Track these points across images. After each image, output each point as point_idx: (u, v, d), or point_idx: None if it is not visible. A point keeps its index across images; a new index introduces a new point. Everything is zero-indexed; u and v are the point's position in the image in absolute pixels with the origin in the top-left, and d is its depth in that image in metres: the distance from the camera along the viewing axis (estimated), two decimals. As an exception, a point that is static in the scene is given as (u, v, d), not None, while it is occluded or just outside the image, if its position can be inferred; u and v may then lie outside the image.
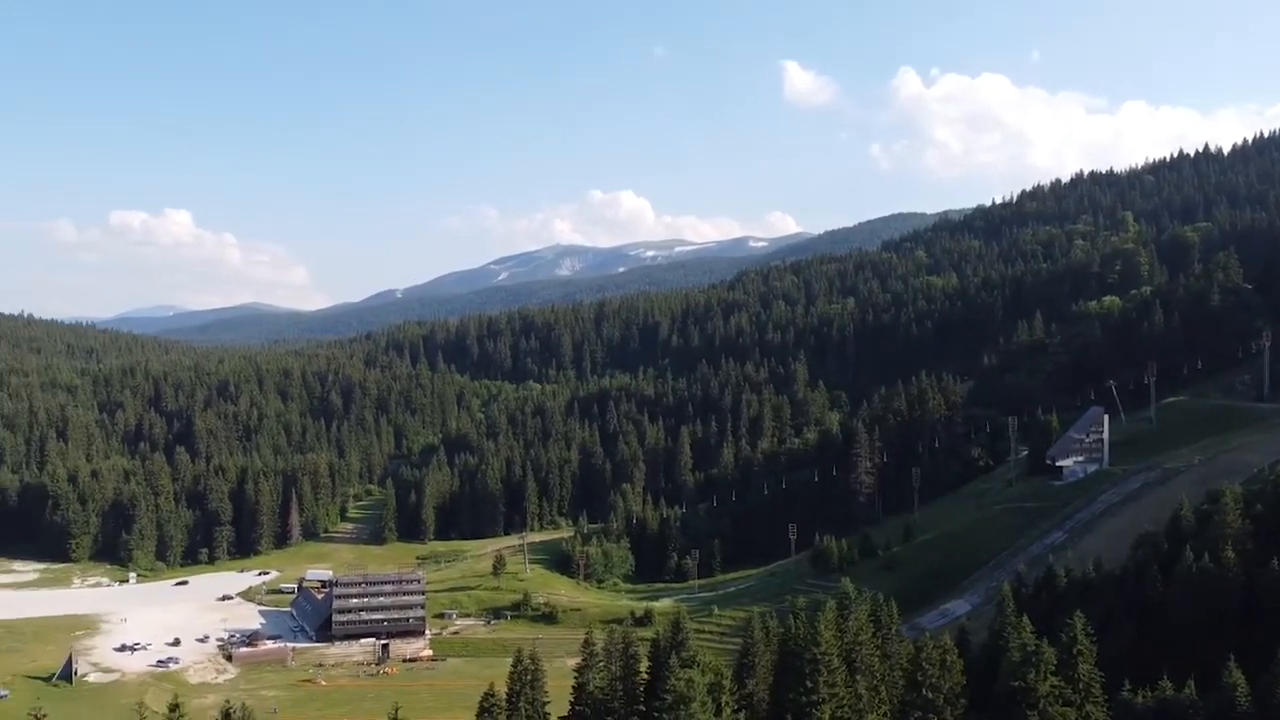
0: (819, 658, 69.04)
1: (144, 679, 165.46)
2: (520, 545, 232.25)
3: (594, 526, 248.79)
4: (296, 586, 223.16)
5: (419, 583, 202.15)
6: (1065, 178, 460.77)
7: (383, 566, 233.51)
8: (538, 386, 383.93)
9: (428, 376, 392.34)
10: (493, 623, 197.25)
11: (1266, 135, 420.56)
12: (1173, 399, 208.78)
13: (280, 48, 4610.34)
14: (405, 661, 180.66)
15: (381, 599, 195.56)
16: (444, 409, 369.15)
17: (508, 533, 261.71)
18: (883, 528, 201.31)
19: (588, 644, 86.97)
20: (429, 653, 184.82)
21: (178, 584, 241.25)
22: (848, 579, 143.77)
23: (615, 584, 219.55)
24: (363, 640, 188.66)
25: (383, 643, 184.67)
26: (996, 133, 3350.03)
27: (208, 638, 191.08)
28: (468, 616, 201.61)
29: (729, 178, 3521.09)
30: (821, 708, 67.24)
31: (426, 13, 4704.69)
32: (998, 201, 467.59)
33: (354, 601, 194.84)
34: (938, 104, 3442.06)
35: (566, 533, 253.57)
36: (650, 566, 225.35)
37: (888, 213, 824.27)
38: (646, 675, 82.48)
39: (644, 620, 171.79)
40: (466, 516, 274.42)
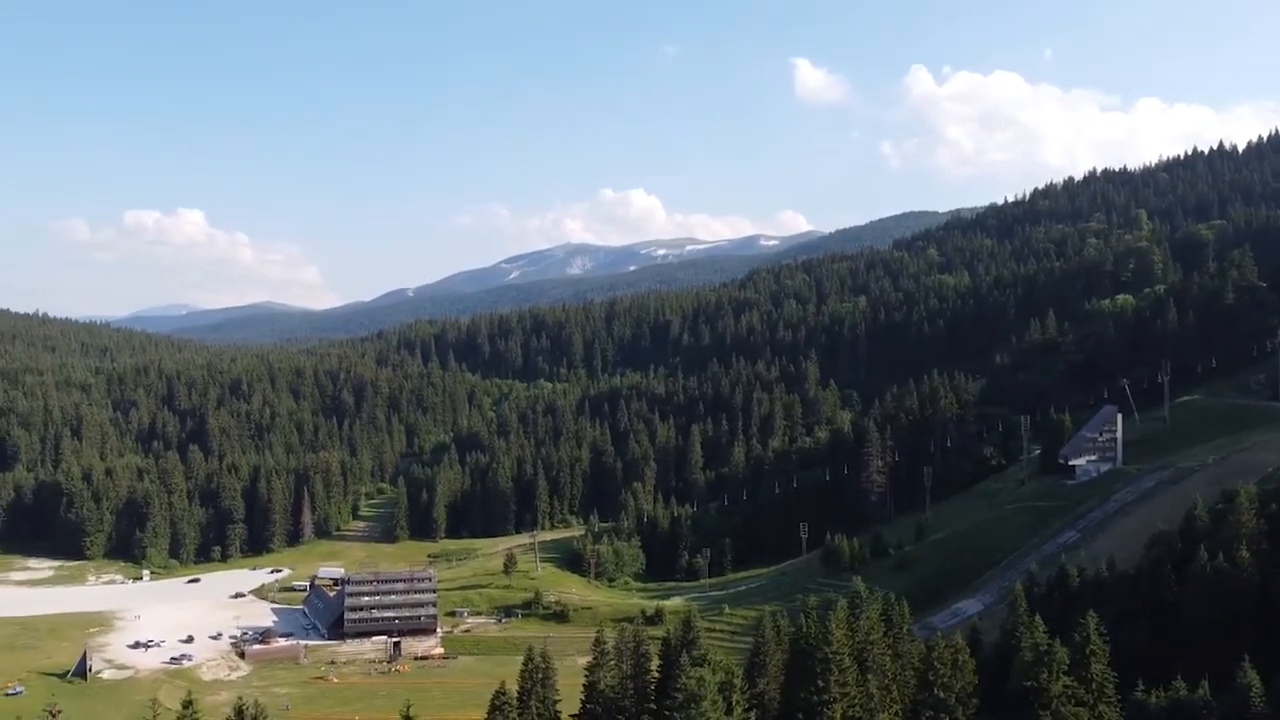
0: (830, 657, 68.92)
1: (158, 676, 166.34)
2: (531, 544, 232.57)
3: (605, 525, 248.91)
4: (309, 584, 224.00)
5: (430, 581, 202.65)
6: (1078, 176, 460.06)
7: (394, 565, 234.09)
8: (549, 385, 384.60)
9: (439, 375, 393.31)
10: (504, 621, 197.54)
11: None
12: (1187, 398, 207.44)
13: (292, 48, 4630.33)
14: (417, 659, 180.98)
15: (393, 597, 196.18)
16: (455, 408, 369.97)
17: (519, 531, 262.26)
18: (894, 527, 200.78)
19: (599, 642, 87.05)
20: (440, 651, 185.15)
21: (189, 581, 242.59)
22: (859, 578, 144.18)
23: (626, 583, 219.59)
24: (374, 638, 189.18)
25: (394, 640, 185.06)
26: (1009, 131, 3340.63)
27: (221, 635, 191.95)
28: (479, 615, 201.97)
29: (740, 176, 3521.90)
30: (833, 707, 67.12)
31: (436, 13, 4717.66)
32: (1010, 200, 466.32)
33: (366, 599, 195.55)
34: (950, 102, 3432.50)
35: (577, 531, 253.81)
36: (661, 565, 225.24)
37: (899, 211, 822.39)
38: (657, 674, 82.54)
39: (655, 619, 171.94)
40: (478, 515, 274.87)
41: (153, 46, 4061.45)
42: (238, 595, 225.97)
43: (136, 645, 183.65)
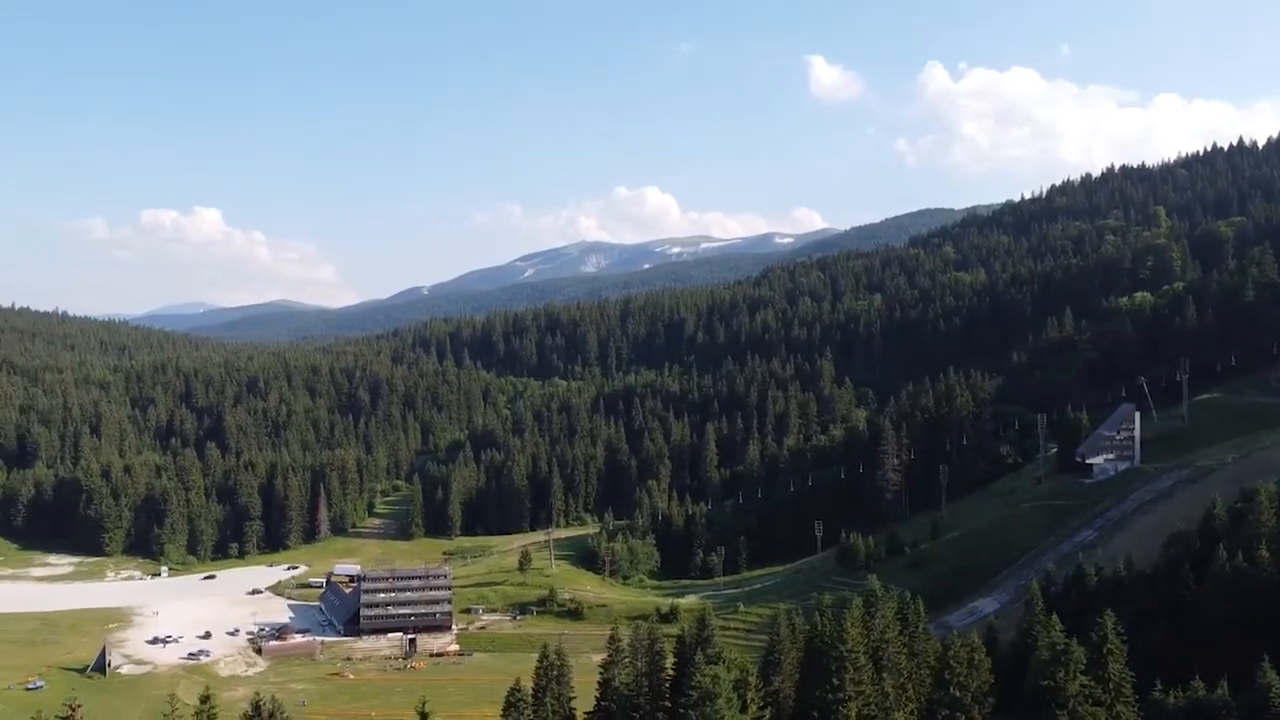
0: (845, 655, 68.73)
1: (176, 671, 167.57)
2: (546, 541, 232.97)
3: (619, 523, 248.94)
4: (325, 581, 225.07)
5: (445, 578, 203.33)
6: (1096, 172, 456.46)
7: (409, 562, 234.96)
8: (563, 383, 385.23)
9: (454, 373, 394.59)
10: (519, 618, 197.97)
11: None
12: (1205, 396, 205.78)
13: (303, 47, 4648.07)
14: (432, 656, 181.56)
15: (409, 594, 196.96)
16: (470, 405, 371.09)
17: (533, 529, 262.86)
18: (910, 525, 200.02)
19: (613, 640, 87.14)
20: (455, 647, 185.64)
21: (205, 578, 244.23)
22: (874, 576, 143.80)
23: (641, 580, 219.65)
24: (390, 634, 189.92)
25: (410, 637, 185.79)
26: (1025, 127, 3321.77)
27: (238, 631, 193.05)
28: (494, 612, 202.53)
29: (754, 174, 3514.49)
30: (848, 705, 66.95)
31: (446, 11, 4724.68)
32: (1027, 197, 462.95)
33: (381, 596, 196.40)
34: (966, 99, 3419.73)
35: (592, 529, 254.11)
36: (676, 563, 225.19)
37: (915, 208, 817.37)
38: (672, 671, 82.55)
39: (669, 617, 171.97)
40: (492, 512, 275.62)
41: (170, 46, 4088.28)
42: (254, 592, 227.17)
43: (155, 641, 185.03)
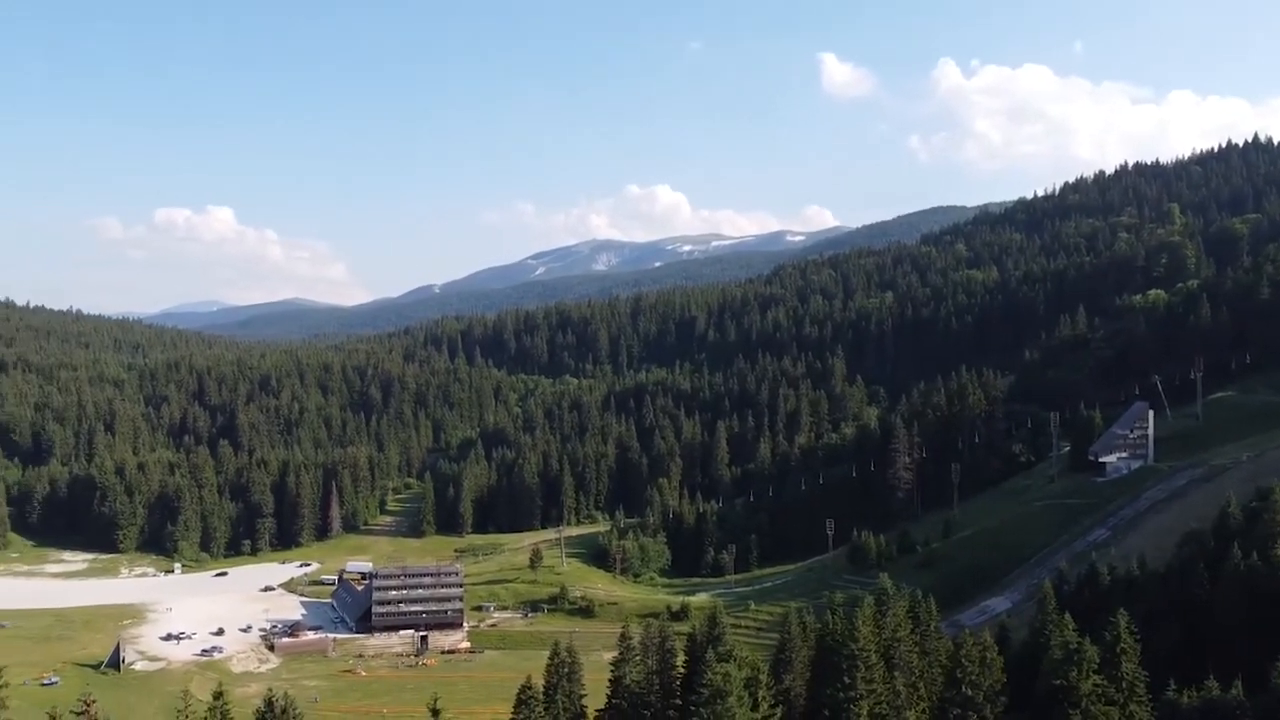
0: (857, 654, 68.50)
1: (189, 667, 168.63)
2: (557, 539, 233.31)
3: (630, 521, 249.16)
4: (337, 578, 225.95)
5: (457, 575, 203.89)
6: (1109, 169, 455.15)
7: (421, 559, 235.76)
8: (574, 381, 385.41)
9: (465, 371, 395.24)
10: (530, 616, 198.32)
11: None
12: (1220, 394, 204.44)
13: (313, 46, 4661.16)
14: (443, 653, 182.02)
15: (420, 591, 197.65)
16: (481, 403, 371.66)
17: (544, 526, 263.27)
18: (921, 524, 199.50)
19: (624, 638, 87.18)
20: (467, 645, 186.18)
21: (218, 575, 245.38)
22: (886, 575, 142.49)
23: (652, 578, 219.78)
24: (402, 632, 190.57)
25: (421, 634, 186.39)
26: (1038, 124, 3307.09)
27: (250, 628, 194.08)
28: (505, 609, 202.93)
29: (766, 172, 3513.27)
30: (859, 704, 66.75)
31: (457, 9, 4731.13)
32: (1039, 194, 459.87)
33: (393, 594, 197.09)
34: (978, 95, 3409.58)
35: (603, 527, 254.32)
36: (687, 561, 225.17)
37: (927, 206, 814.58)
38: (683, 669, 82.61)
39: (680, 615, 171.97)
40: (504, 510, 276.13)
41: (184, 46, 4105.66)
42: (267, 589, 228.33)
43: (168, 637, 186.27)
